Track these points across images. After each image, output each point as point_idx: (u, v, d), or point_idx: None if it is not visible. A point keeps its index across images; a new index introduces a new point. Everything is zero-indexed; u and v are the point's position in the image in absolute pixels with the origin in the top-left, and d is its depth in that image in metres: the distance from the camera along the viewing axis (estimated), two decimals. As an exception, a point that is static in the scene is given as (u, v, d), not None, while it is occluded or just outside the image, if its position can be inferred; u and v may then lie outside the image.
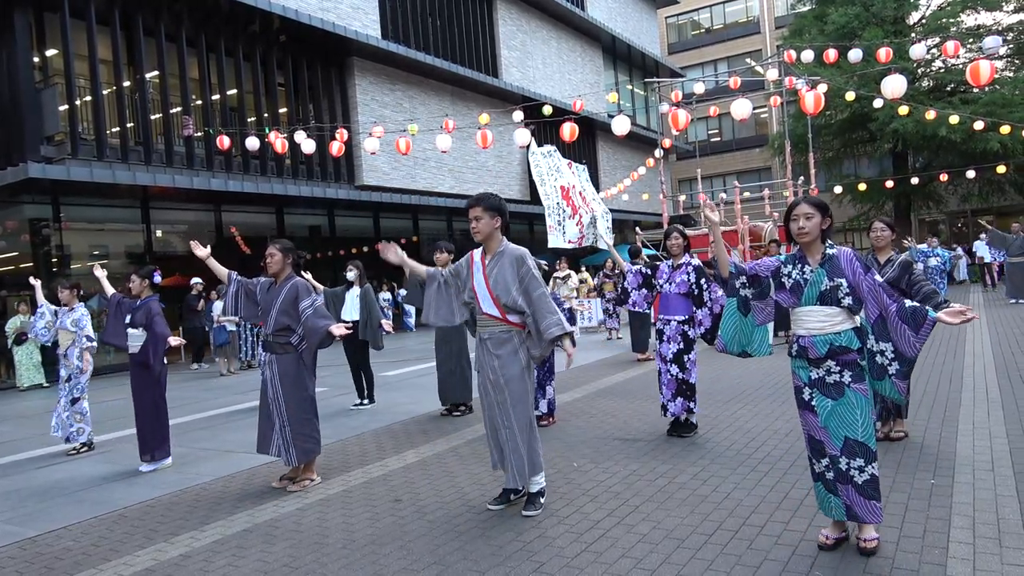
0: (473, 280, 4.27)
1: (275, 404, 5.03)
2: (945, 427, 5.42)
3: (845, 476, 3.27)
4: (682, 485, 4.47)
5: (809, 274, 3.34)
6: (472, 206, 4.24)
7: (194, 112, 16.00)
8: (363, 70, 19.60)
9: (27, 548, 4.21)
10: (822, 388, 3.33)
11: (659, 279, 5.95)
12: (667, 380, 5.73)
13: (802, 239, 3.36)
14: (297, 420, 5.01)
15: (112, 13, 14.59)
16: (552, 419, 6.54)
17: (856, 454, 3.26)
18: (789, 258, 3.46)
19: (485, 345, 4.24)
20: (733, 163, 39.55)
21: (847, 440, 3.27)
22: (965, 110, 21.80)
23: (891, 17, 26.11)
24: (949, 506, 3.79)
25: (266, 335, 5.12)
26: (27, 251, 14.48)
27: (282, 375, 5.01)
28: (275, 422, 5.03)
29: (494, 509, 4.25)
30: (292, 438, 4.98)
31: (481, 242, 4.29)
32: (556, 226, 19.25)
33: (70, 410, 6.75)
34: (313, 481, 5.10)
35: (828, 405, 3.31)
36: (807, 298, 3.35)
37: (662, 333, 5.82)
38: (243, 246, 16.72)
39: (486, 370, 4.24)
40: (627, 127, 12.65)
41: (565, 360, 4.21)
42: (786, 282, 3.42)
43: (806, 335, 3.36)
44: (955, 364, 8.21)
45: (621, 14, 32.40)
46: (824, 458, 3.34)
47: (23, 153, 13.32)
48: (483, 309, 4.23)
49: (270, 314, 5.06)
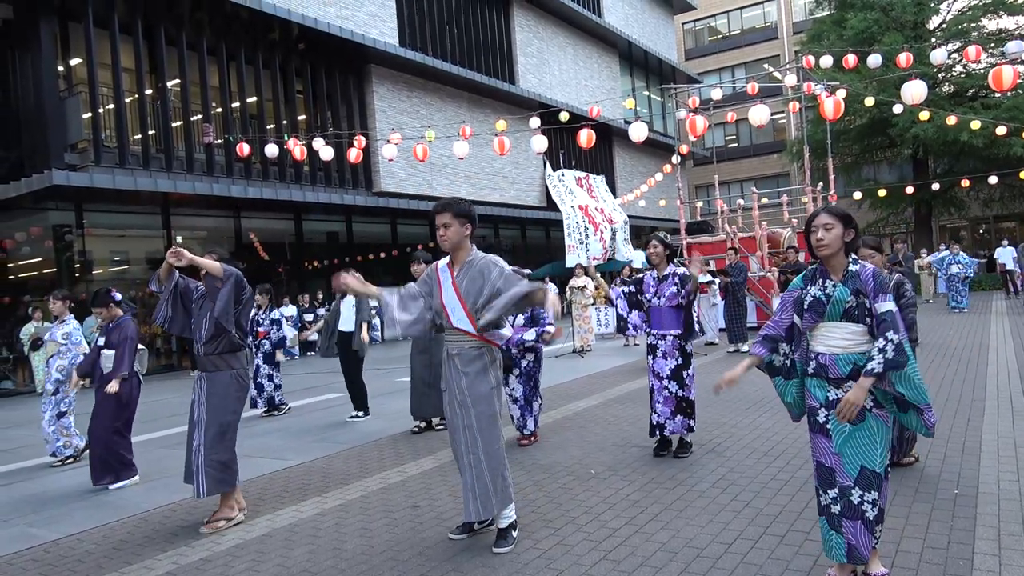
0: (442, 293, 3.90)
1: (197, 426, 4.51)
2: (968, 436, 5.34)
3: (856, 510, 2.96)
4: (701, 493, 4.44)
5: (831, 289, 3.06)
6: (439, 212, 3.86)
7: (214, 119, 16.20)
8: (381, 77, 19.73)
9: (50, 551, 4.26)
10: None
11: (646, 294, 5.53)
12: (664, 397, 5.37)
13: (821, 251, 3.08)
14: (212, 445, 4.45)
15: (135, 22, 14.81)
16: (536, 438, 6.19)
17: (871, 486, 2.95)
18: (806, 277, 3.20)
19: (453, 361, 3.88)
20: (751, 169, 39.32)
21: (863, 470, 2.96)
22: (987, 115, 21.56)
23: (911, 22, 25.91)
24: (973, 517, 3.74)
25: (196, 350, 4.65)
26: (51, 257, 14.70)
27: (210, 394, 4.54)
28: (191, 447, 4.51)
29: (456, 539, 3.94)
30: (204, 464, 4.40)
31: (449, 251, 3.93)
32: (577, 245, 19.31)
33: (56, 424, 6.67)
34: (231, 520, 4.44)
35: (845, 430, 3.00)
36: (830, 315, 3.07)
37: (655, 348, 5.45)
38: (261, 252, 16.86)
39: (453, 389, 3.88)
40: (644, 133, 12.63)
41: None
42: (806, 301, 3.13)
43: (827, 352, 3.07)
44: (978, 372, 8.10)
45: (638, 20, 32.39)
46: (832, 488, 3.03)
47: (47, 160, 13.54)
48: (453, 323, 3.86)
49: (202, 323, 4.63)
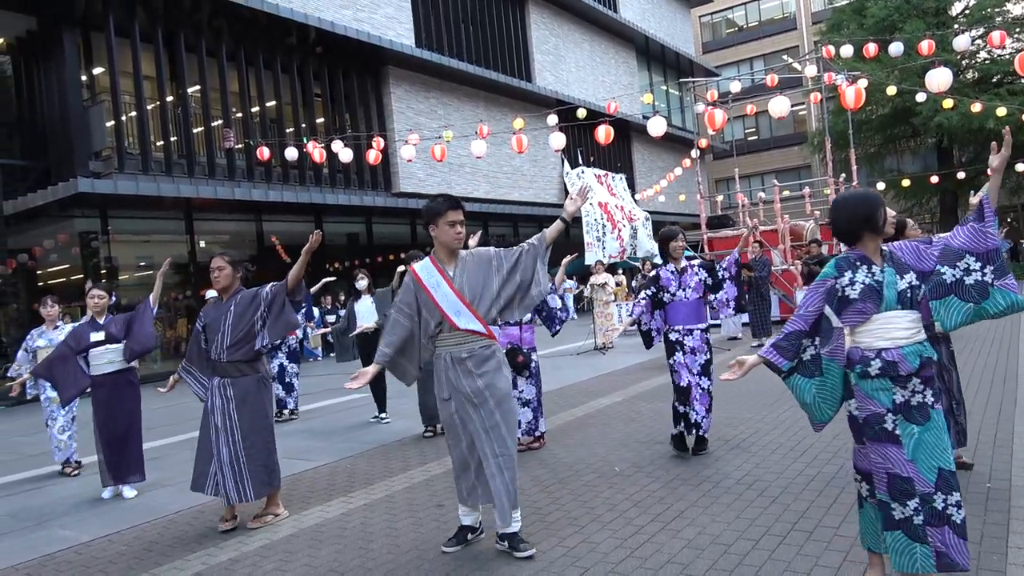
0: (435, 298, 3.62)
1: (226, 434, 4.46)
2: (1000, 428, 5.24)
3: (942, 516, 2.70)
4: (727, 489, 4.41)
5: (880, 275, 2.81)
6: (458, 208, 3.69)
7: (235, 124, 16.35)
8: (398, 78, 19.81)
9: (82, 552, 4.33)
10: (907, 413, 2.76)
11: (668, 290, 5.35)
12: (699, 395, 5.22)
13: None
14: (257, 451, 4.49)
15: (155, 31, 14.99)
16: (544, 439, 6.05)
17: (952, 487, 2.71)
18: (840, 264, 2.90)
19: (463, 366, 3.62)
20: (771, 161, 38.94)
21: (941, 472, 2.71)
22: (1013, 101, 21.17)
23: (933, 8, 25.54)
24: (1007, 510, 3.67)
25: (217, 356, 4.56)
26: (77, 263, 14.94)
27: (240, 400, 4.50)
28: (221, 455, 4.45)
29: (450, 551, 3.76)
30: (249, 471, 4.45)
31: (457, 249, 3.73)
32: (595, 242, 19.24)
33: (71, 430, 6.56)
34: (278, 516, 4.59)
35: (915, 432, 2.74)
36: (888, 302, 2.79)
37: (682, 345, 5.27)
38: (283, 255, 16.99)
39: (463, 394, 3.63)
40: (663, 128, 12.54)
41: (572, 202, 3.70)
42: (852, 291, 2.83)
43: (892, 347, 2.77)
44: (1008, 364, 7.95)
45: (654, 14, 32.19)
46: (912, 499, 2.71)
47: (72, 169, 13.78)
48: (460, 326, 3.60)
49: (221, 331, 4.54)
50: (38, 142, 15.09)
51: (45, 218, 14.54)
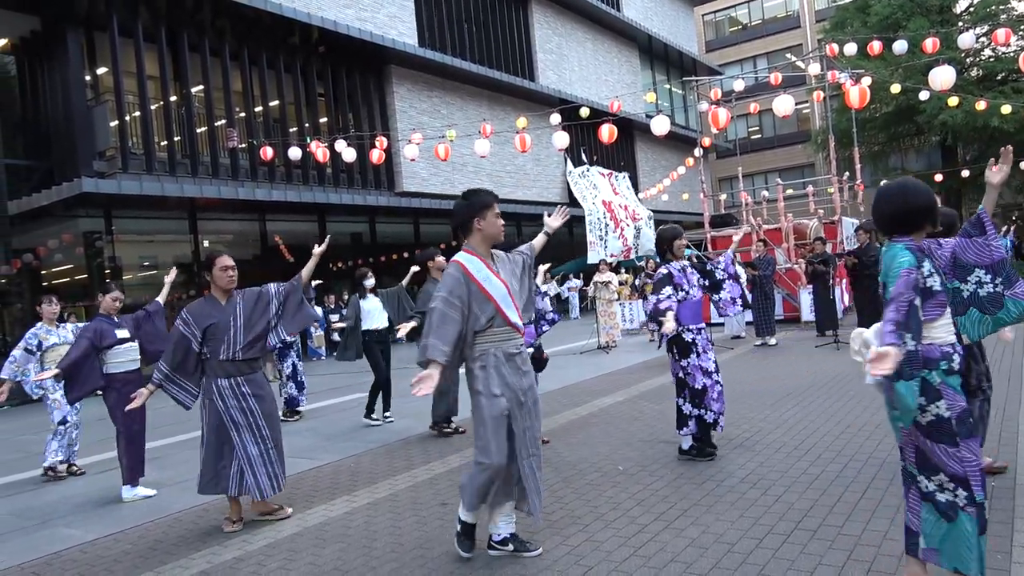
0: (488, 291, 3.51)
1: (251, 431, 4.50)
2: (1004, 427, 5.23)
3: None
4: (731, 488, 4.40)
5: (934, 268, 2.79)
6: (496, 202, 3.69)
7: (238, 124, 16.38)
8: (401, 78, 19.82)
9: (87, 551, 4.34)
10: None
11: (682, 288, 5.26)
12: (715, 395, 5.15)
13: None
14: (280, 441, 4.64)
15: (158, 31, 15.03)
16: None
17: None
18: (916, 254, 2.71)
19: (513, 362, 3.53)
20: (775, 160, 38.87)
21: None
22: (1018, 99, 21.11)
23: (937, 6, 25.46)
24: (1011, 509, 3.66)
25: (230, 356, 4.49)
26: (81, 263, 14.99)
27: (258, 395, 4.54)
28: (249, 452, 4.47)
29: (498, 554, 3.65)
30: (278, 463, 4.58)
31: (496, 242, 3.72)
32: (598, 241, 19.20)
33: (78, 431, 6.58)
34: (285, 514, 4.65)
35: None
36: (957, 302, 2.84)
37: (695, 344, 5.16)
38: (287, 254, 17.01)
39: (514, 393, 3.51)
40: (666, 127, 12.52)
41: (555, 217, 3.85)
42: (933, 282, 2.71)
43: (956, 343, 2.74)
44: (1012, 362, 7.93)
45: (657, 13, 32.16)
46: (983, 492, 2.65)
47: (76, 169, 13.81)
48: (509, 319, 3.54)
49: (232, 331, 4.51)
50: (42, 142, 15.13)
51: (49, 218, 14.58)
